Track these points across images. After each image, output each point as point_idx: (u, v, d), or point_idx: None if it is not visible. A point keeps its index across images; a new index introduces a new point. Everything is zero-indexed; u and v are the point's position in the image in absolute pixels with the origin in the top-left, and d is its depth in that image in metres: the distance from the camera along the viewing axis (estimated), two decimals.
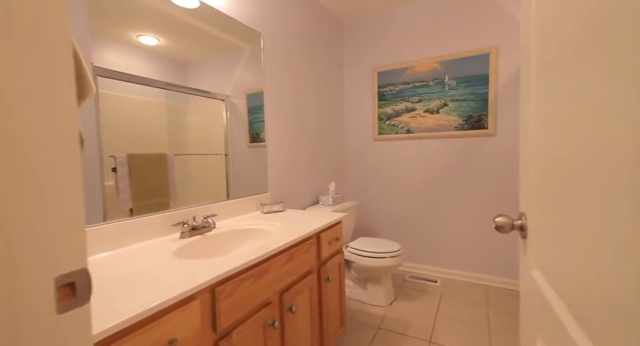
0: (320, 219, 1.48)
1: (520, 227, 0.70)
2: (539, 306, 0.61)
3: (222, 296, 0.85)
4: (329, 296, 1.47)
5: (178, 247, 1.10)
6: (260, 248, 1.05)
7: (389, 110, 2.75)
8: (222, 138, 1.55)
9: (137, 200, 1.17)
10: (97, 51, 1.05)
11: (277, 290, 1.09)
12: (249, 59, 1.73)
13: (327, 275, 1.44)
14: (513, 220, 0.71)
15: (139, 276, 0.82)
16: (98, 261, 0.95)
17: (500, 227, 0.72)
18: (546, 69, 0.56)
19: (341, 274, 1.60)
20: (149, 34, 1.21)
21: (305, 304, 1.29)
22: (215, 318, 0.84)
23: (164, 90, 1.26)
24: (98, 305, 0.66)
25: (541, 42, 0.59)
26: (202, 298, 0.80)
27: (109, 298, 0.69)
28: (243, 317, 0.95)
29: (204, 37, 1.45)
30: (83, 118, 1.01)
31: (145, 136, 1.19)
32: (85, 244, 0.43)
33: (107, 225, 1.05)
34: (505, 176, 2.35)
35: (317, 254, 1.38)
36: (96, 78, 1.05)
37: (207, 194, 1.46)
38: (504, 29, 2.28)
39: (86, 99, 0.63)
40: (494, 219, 0.73)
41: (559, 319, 0.49)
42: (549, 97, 0.55)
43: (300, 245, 1.24)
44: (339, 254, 1.58)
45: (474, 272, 2.51)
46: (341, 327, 1.60)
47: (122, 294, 0.71)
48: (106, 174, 1.07)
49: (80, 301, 0.41)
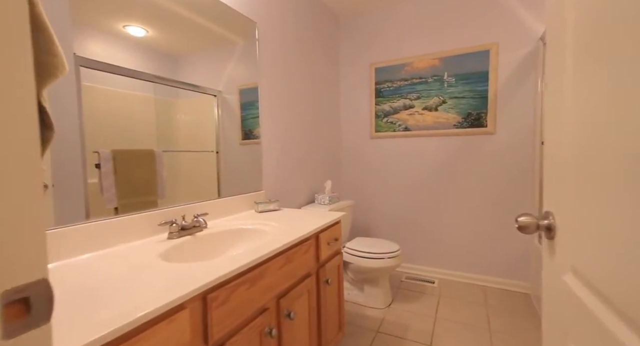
0: (319, 218, 1.40)
1: (547, 227, 0.63)
2: (573, 314, 0.54)
3: (215, 304, 0.76)
4: (327, 300, 1.39)
5: (165, 248, 1.02)
6: (257, 250, 0.97)
7: (386, 107, 2.69)
8: (213, 135, 1.47)
9: (123, 198, 1.09)
10: (80, 41, 0.97)
11: (274, 294, 1.01)
12: (242, 53, 1.64)
13: (326, 277, 1.36)
14: (538, 220, 0.65)
15: (121, 282, 0.73)
16: (77, 264, 0.86)
17: (524, 228, 0.65)
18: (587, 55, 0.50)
19: (340, 276, 1.53)
20: (137, 24, 1.13)
21: (304, 309, 1.21)
22: (207, 328, 0.75)
23: (152, 84, 1.19)
24: (71, 316, 0.57)
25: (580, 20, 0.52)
26: (193, 307, 0.72)
27: (84, 308, 0.60)
28: (238, 326, 0.87)
29: (195, 28, 1.36)
30: (64, 111, 0.93)
31: (131, 131, 1.12)
32: (44, 250, 0.34)
33: (88, 225, 0.96)
34: (505, 175, 2.31)
35: (316, 256, 1.31)
36: (79, 69, 0.97)
37: (197, 192, 1.37)
38: (504, 25, 2.23)
39: (57, 78, 0.54)
40: (517, 219, 0.66)
41: (605, 326, 0.43)
42: (591, 86, 0.48)
43: (299, 246, 1.16)
44: (338, 255, 1.51)
45: (472, 273, 2.47)
46: (339, 332, 1.53)
47: (101, 303, 0.62)
48: (89, 171, 1.00)
49: (36, 321, 0.33)
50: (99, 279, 0.75)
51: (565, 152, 0.58)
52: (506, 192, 2.31)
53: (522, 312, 2.01)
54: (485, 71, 2.30)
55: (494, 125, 2.31)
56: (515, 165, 2.27)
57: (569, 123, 0.56)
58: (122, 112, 1.09)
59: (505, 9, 2.23)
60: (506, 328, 1.83)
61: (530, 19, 2.15)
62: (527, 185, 2.24)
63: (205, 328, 0.75)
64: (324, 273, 1.35)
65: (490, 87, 2.30)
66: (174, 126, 1.28)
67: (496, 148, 2.33)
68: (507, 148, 2.29)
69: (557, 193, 0.62)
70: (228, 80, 1.56)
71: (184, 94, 1.32)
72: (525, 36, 2.18)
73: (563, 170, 0.59)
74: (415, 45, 2.55)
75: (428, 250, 2.63)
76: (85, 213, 0.98)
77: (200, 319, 0.74)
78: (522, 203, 2.26)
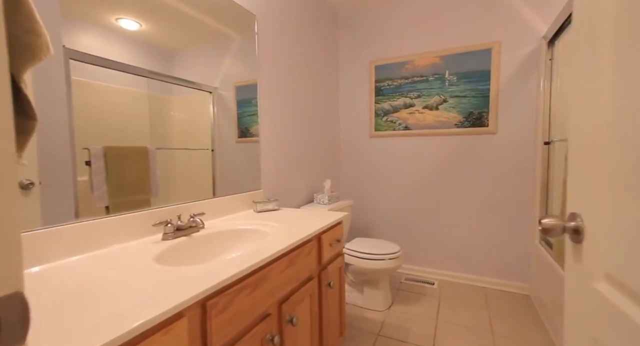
0: (320, 219, 1.35)
1: (575, 229, 0.59)
2: (606, 321, 0.50)
3: (215, 311, 0.71)
4: (329, 303, 1.34)
5: (160, 250, 0.96)
6: (258, 252, 0.91)
7: (386, 106, 2.65)
8: (208, 133, 1.43)
9: (114, 197, 1.03)
10: (69, 33, 0.92)
11: (276, 299, 0.96)
12: (239, 49, 1.59)
13: (328, 280, 1.31)
14: (564, 222, 0.61)
15: (112, 288, 0.67)
16: (65, 267, 0.80)
17: (549, 230, 0.61)
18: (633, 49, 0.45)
19: (341, 278, 1.48)
20: (130, 17, 1.07)
21: (306, 314, 1.16)
22: (206, 338, 0.70)
23: (145, 80, 1.14)
24: (53, 329, 0.51)
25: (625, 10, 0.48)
26: (191, 316, 0.66)
27: (70, 318, 0.54)
28: (238, 335, 0.81)
29: (191, 22, 1.31)
30: (52, 105, 0.88)
31: (124, 128, 1.07)
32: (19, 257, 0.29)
33: (77, 224, 0.90)
34: (506, 175, 2.28)
35: (318, 257, 1.25)
36: (68, 61, 0.92)
37: (192, 191, 1.32)
38: (507, 23, 2.21)
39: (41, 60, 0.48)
40: (540, 221, 0.62)
41: None
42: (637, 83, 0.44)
43: (302, 248, 1.10)
44: (340, 257, 1.46)
45: (472, 274, 2.44)
46: (340, 336, 1.48)
47: (89, 312, 0.56)
48: (79, 168, 0.95)
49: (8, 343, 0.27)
50: (88, 285, 0.69)
51: (597, 151, 0.54)
52: (507, 192, 2.29)
53: (524, 314, 1.98)
54: (487, 70, 2.27)
55: (496, 124, 2.28)
56: (516, 165, 2.25)
57: (604, 122, 0.52)
58: (114, 108, 1.04)
59: (508, 8, 2.20)
60: (509, 331, 1.80)
61: (533, 17, 2.13)
62: (529, 186, 2.21)
63: (205, 337, 0.70)
64: (326, 276, 1.30)
65: (492, 86, 2.27)
66: (168, 123, 1.23)
67: (497, 148, 2.30)
68: (508, 148, 2.27)
69: (585, 194, 0.58)
70: (224, 77, 1.50)
71: (179, 90, 1.27)
72: (527, 35, 2.15)
73: (593, 169, 0.55)
74: (416, 43, 2.51)
75: (428, 251, 2.60)
76: (74, 213, 0.93)
77: (199, 328, 0.69)
78: (524, 204, 2.23)
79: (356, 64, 2.77)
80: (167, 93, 1.22)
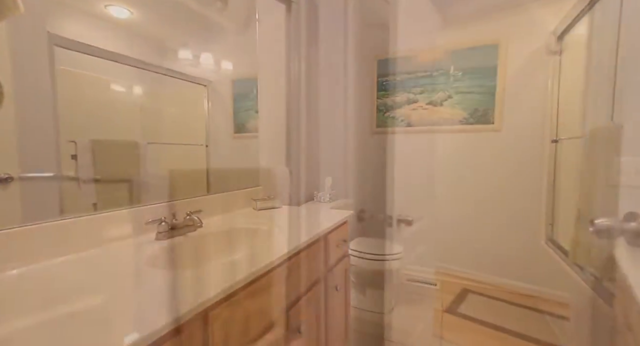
0: (325, 218, 1.27)
1: (636, 231, 0.52)
2: None
3: (218, 324, 0.62)
4: (335, 307, 1.26)
5: (153, 251, 0.86)
6: (265, 254, 0.83)
7: (388, 102, 2.58)
8: (202, 127, 1.34)
9: (103, 193, 0.93)
10: (54, 19, 0.82)
11: (282, 306, 0.87)
12: (237, 41, 1.50)
13: (334, 283, 1.23)
14: (622, 223, 0.53)
15: (99, 296, 0.57)
16: (45, 271, 0.70)
17: (603, 231, 0.54)
18: None
19: (347, 281, 1.40)
20: (120, 4, 0.98)
21: (312, 320, 1.07)
22: None
23: (136, 71, 1.04)
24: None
25: None
26: (191, 330, 0.57)
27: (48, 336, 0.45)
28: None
29: (186, 11, 1.22)
30: (35, 93, 0.78)
31: (113, 121, 0.99)
32: None
33: (61, 222, 0.80)
34: (511, 174, 2.23)
35: (325, 259, 1.17)
36: (52, 48, 0.83)
37: (187, 188, 1.23)
38: (514, 19, 2.15)
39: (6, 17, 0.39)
40: (593, 221, 0.55)
41: None
42: None
43: (309, 249, 1.02)
44: (345, 258, 1.38)
45: (475, 274, 2.39)
46: (345, 342, 1.40)
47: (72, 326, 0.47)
48: (65, 162, 0.86)
49: None
50: (71, 292, 0.59)
51: None
52: (512, 192, 2.23)
53: (529, 315, 1.93)
54: (494, 66, 2.21)
55: (501, 121, 2.23)
56: (521, 163, 2.20)
57: None
58: (103, 100, 0.96)
59: (516, 3, 2.13)
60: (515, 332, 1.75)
61: (541, 12, 2.07)
62: (535, 185, 2.16)
63: None
64: (333, 279, 1.22)
65: (499, 82, 2.21)
66: (160, 117, 1.15)
67: (503, 145, 2.24)
68: (514, 146, 2.21)
69: None
70: (220, 70, 1.41)
71: (172, 83, 1.19)
72: (535, 30, 2.09)
73: None
74: (420, 38, 2.44)
75: (429, 251, 2.54)
76: (59, 209, 0.83)
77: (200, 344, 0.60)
78: (529, 204, 2.18)
79: (358, 58, 2.68)
80: (159, 86, 1.14)
